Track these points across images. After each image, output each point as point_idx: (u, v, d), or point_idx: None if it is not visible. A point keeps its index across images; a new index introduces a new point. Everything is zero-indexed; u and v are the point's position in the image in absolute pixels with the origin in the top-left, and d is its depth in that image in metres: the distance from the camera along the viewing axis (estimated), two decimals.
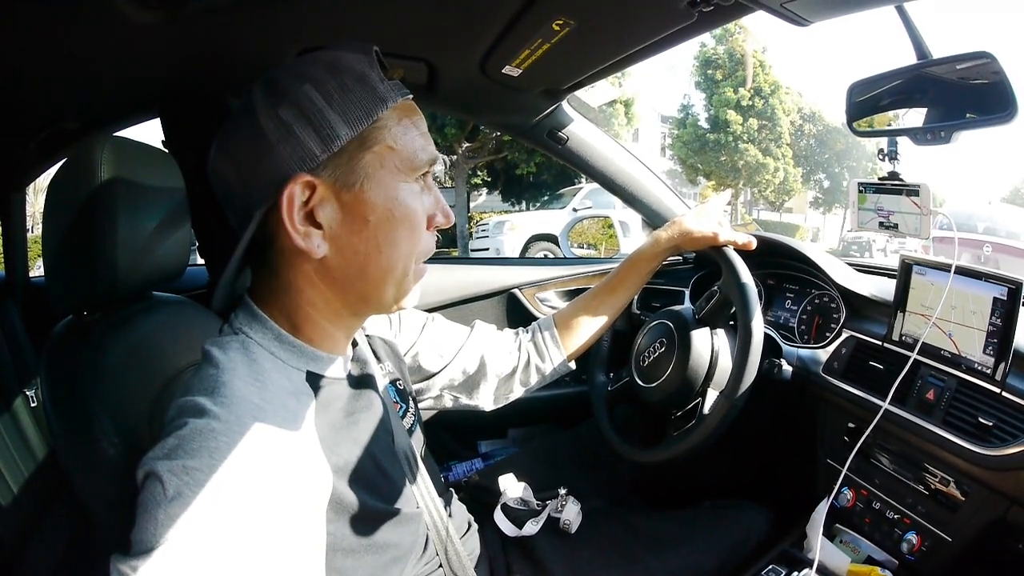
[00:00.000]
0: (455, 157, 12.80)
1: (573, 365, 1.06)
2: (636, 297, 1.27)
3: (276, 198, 0.56)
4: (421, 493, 0.77)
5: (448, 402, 1.00)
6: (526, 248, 8.93)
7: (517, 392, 1.03)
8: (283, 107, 0.56)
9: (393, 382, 0.82)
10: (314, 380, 0.62)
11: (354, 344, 0.75)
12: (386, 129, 0.59)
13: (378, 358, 0.81)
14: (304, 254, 0.58)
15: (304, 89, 0.56)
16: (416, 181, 0.62)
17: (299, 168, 0.56)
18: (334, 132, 0.56)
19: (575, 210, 9.26)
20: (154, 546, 0.42)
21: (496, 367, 0.99)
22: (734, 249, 1.01)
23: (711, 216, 1.03)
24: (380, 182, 0.59)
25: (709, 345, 1.01)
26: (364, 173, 0.59)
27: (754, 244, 1.03)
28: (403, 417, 0.81)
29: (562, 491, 1.02)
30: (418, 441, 0.82)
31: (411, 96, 0.64)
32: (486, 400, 1.01)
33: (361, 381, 0.71)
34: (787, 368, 1.08)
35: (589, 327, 1.05)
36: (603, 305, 1.06)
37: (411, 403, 0.84)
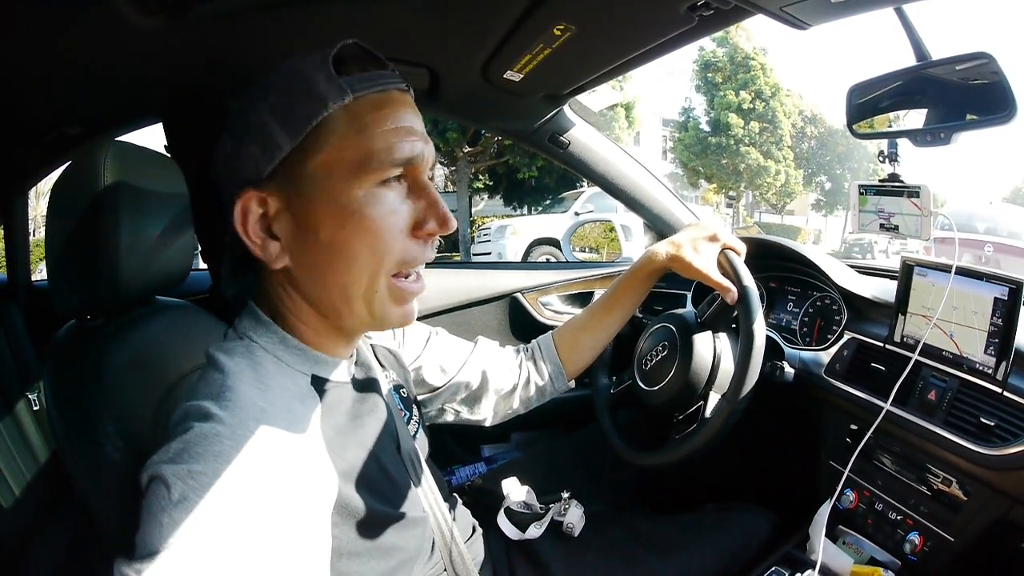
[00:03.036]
0: (457, 162, 12.83)
1: (572, 384, 1.06)
2: None
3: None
4: (426, 496, 0.77)
5: (450, 416, 1.00)
6: (528, 252, 8.93)
7: (518, 408, 1.03)
8: (238, 127, 0.58)
9: (397, 388, 0.82)
10: (319, 384, 0.62)
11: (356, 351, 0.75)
12: (333, 132, 0.55)
13: (381, 365, 0.81)
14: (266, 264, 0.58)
15: (255, 105, 0.57)
16: (383, 185, 0.57)
17: (249, 184, 0.56)
18: (275, 143, 0.55)
19: (577, 214, 9.28)
20: (158, 550, 0.42)
21: (497, 383, 0.99)
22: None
23: (711, 252, 0.99)
24: (330, 190, 0.55)
25: (711, 349, 1.01)
26: (313, 182, 0.56)
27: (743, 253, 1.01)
28: (408, 423, 0.81)
29: (565, 494, 1.02)
30: (423, 446, 0.82)
31: (395, 88, 0.58)
32: (487, 415, 1.00)
33: (365, 385, 0.71)
34: (789, 370, 1.08)
35: (587, 346, 1.06)
36: (600, 324, 1.06)
37: (415, 409, 0.85)
